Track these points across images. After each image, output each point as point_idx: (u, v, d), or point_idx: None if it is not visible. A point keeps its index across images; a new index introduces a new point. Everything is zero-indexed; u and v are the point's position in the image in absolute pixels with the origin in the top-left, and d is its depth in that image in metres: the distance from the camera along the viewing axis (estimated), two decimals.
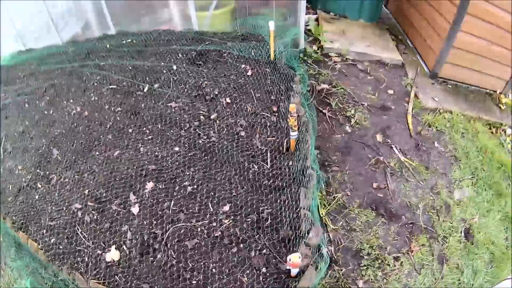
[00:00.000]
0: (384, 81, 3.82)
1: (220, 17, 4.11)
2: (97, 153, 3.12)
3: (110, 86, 3.78)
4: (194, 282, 2.15)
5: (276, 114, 2.99)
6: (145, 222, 2.44)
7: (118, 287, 2.24)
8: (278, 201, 2.44)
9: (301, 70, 3.35)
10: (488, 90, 4.06)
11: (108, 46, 4.48)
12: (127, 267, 2.30)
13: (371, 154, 3.24)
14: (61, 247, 2.59)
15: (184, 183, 2.57)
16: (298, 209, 2.36)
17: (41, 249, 2.66)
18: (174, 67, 3.65)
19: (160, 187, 2.60)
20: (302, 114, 2.88)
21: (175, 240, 2.32)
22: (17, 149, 3.68)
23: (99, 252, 2.43)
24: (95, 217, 2.62)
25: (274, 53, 3.45)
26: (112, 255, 2.38)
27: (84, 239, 2.56)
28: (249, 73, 3.38)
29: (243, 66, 3.48)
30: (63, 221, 2.72)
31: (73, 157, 3.18)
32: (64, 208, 2.81)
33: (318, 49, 3.92)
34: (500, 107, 3.96)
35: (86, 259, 2.45)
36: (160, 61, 3.82)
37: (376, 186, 3.06)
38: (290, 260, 1.82)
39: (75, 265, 2.46)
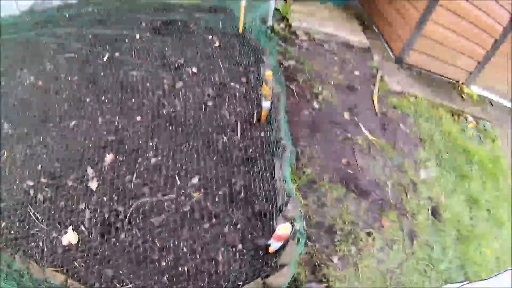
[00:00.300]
0: (351, 63, 3.74)
1: None
2: (51, 124, 2.72)
3: (67, 55, 3.34)
4: (164, 263, 1.88)
5: (246, 85, 2.77)
6: (104, 198, 2.13)
7: (78, 274, 1.91)
8: (251, 172, 2.23)
9: (270, 44, 3.16)
10: (451, 80, 4.14)
11: (67, 16, 4.00)
12: (87, 251, 1.98)
13: (339, 131, 3.13)
14: (12, 231, 2.18)
15: (147, 155, 2.28)
16: (273, 181, 2.17)
17: None
18: (137, 36, 3.29)
19: (121, 159, 2.28)
20: (273, 86, 2.69)
21: (140, 217, 2.03)
22: None
23: (55, 235, 2.07)
24: (49, 195, 2.25)
25: (243, 26, 3.22)
26: (69, 237, 2.04)
27: (37, 221, 2.18)
28: (217, 44, 3.12)
29: (210, 37, 3.21)
30: (14, 202, 2.30)
31: (25, 130, 2.73)
32: (15, 186, 2.38)
33: (285, 27, 3.75)
34: (462, 97, 4.06)
35: (41, 244, 2.07)
36: (122, 30, 3.44)
37: (345, 162, 2.95)
38: (279, 231, 1.62)
39: (29, 251, 2.07)
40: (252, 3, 3.58)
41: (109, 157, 2.29)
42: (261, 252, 1.95)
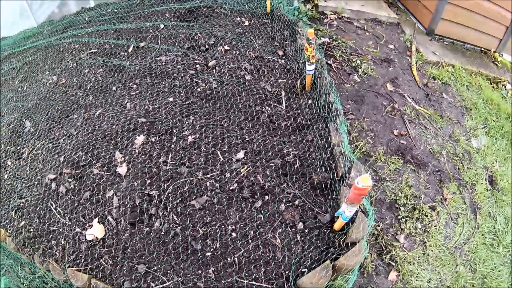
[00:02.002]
0: (383, 37, 3.19)
1: None
2: (75, 116, 2.31)
3: (90, 51, 2.94)
4: (208, 254, 1.37)
5: (284, 57, 2.26)
6: (135, 183, 1.63)
7: (105, 272, 1.43)
8: (304, 141, 1.71)
9: (302, 18, 2.66)
10: (483, 48, 3.51)
11: (87, 19, 3.62)
12: (115, 245, 1.50)
13: (385, 102, 2.57)
14: (31, 229, 1.77)
15: (184, 133, 1.79)
16: (331, 147, 1.64)
17: (9, 236, 1.83)
18: (162, 26, 2.85)
19: (153, 140, 1.79)
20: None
21: (178, 201, 1.51)
22: None
23: (78, 229, 1.62)
24: (71, 186, 1.81)
25: (270, 7, 2.74)
26: (95, 231, 1.58)
27: (58, 216, 1.75)
28: (246, 23, 2.63)
29: (238, 18, 2.73)
30: (34, 198, 1.90)
31: (47, 125, 2.35)
32: (36, 182, 1.99)
33: (312, 8, 3.24)
34: (496, 65, 3.42)
35: (62, 241, 1.64)
36: (145, 23, 3.02)
37: (397, 133, 2.39)
38: (358, 184, 1.08)
39: (49, 250, 1.64)
40: None
41: (139, 139, 1.81)
42: (325, 230, 1.43)
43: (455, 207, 2.22)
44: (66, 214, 1.74)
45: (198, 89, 2.06)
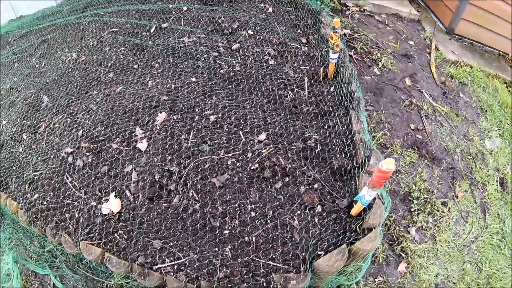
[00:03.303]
0: (404, 33, 3.12)
1: None
2: (95, 92, 2.29)
3: (111, 30, 2.91)
4: (226, 231, 1.36)
5: (307, 45, 2.23)
6: (155, 159, 1.62)
7: (119, 247, 1.42)
8: (325, 127, 1.69)
9: (324, 8, 2.61)
10: (500, 52, 3.44)
11: None
12: (131, 219, 1.48)
13: (403, 96, 2.53)
14: (45, 202, 1.76)
15: (206, 112, 1.77)
16: (352, 134, 1.62)
17: (21, 209, 1.83)
18: (185, 8, 2.82)
19: (175, 117, 1.78)
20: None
21: (198, 178, 1.49)
22: (3, 105, 2.79)
23: (93, 203, 1.62)
24: (89, 160, 1.80)
25: None
26: (111, 205, 1.56)
27: (74, 189, 1.74)
28: (270, 10, 2.59)
29: (262, 5, 2.69)
30: (49, 171, 1.89)
31: (66, 101, 2.34)
32: (52, 156, 1.99)
33: None
34: None
35: (76, 215, 1.63)
36: (168, 4, 2.99)
37: (413, 127, 2.36)
38: (382, 167, 1.06)
39: (62, 223, 1.63)
40: None
41: (161, 116, 1.79)
42: (343, 215, 1.42)
43: (465, 205, 2.20)
44: (82, 188, 1.74)
45: (221, 71, 2.04)
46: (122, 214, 1.52)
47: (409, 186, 2.04)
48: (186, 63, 2.18)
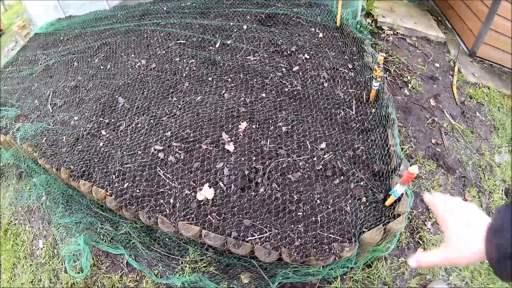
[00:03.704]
0: (431, 55, 3.75)
1: None
2: (174, 99, 2.83)
3: (178, 41, 3.56)
4: (300, 213, 1.98)
5: (353, 70, 2.89)
6: (243, 159, 2.23)
7: (213, 226, 1.94)
8: (369, 140, 2.36)
9: (366, 36, 3.24)
10: None
11: (165, 9, 4.20)
12: (224, 204, 2.03)
13: (427, 115, 3.18)
14: (138, 190, 2.19)
15: (278, 124, 2.45)
16: (388, 147, 2.29)
17: (110, 195, 2.24)
18: (245, 27, 3.47)
19: (254, 127, 2.45)
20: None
21: (278, 174, 2.13)
22: (70, 102, 3.26)
23: (187, 192, 2.12)
24: (181, 157, 2.32)
25: (340, 20, 3.33)
26: (205, 193, 2.07)
27: (168, 180, 2.22)
28: (321, 35, 3.24)
29: (312, 29, 3.34)
30: (139, 164, 2.35)
31: (145, 104, 2.85)
32: (140, 151, 2.43)
33: (372, 22, 3.81)
34: None
35: (172, 200, 2.09)
36: (228, 21, 3.64)
37: (434, 142, 3.02)
38: (410, 170, 1.72)
39: (158, 208, 2.09)
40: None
41: (243, 124, 2.44)
42: (380, 205, 2.09)
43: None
44: (176, 179, 2.16)
45: (286, 89, 2.71)
46: (216, 200, 2.05)
47: (428, 189, 2.70)
48: (255, 80, 2.84)
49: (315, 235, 1.95)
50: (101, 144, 2.64)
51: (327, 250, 1.90)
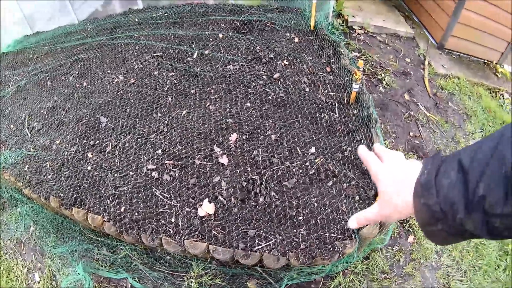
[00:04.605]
0: (401, 51, 4.16)
1: None
2: (159, 115, 2.96)
3: (155, 54, 3.72)
4: (300, 217, 2.21)
5: (331, 73, 3.20)
6: (238, 171, 2.42)
7: (218, 240, 2.11)
8: (354, 141, 2.67)
9: (340, 38, 3.58)
10: (485, 61, 4.58)
11: (137, 20, 4.33)
12: (227, 217, 2.20)
13: (403, 110, 3.57)
14: (136, 213, 2.29)
15: (267, 132, 2.70)
16: (373, 146, 2.61)
17: (108, 221, 2.33)
18: (220, 35, 3.70)
19: (244, 137, 2.67)
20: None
21: (275, 182, 2.35)
22: (49, 125, 3.29)
23: (188, 209, 2.26)
24: (176, 174, 2.46)
25: (314, 24, 3.64)
26: (206, 208, 2.22)
27: (166, 200, 2.32)
28: (296, 40, 3.54)
29: (287, 34, 3.63)
30: (134, 186, 2.42)
31: (130, 122, 2.93)
32: (131, 172, 2.51)
33: (343, 22, 4.17)
34: (497, 75, 4.50)
35: (173, 220, 2.23)
36: (203, 30, 3.85)
37: (412, 135, 3.40)
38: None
39: (160, 228, 2.22)
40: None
41: (233, 136, 2.66)
42: (372, 201, 2.40)
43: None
44: (173, 198, 2.27)
45: (269, 97, 2.97)
46: (217, 215, 2.23)
47: None
48: (238, 90, 3.08)
49: (318, 236, 2.21)
50: (89, 168, 2.71)
51: (331, 249, 2.17)
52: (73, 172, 2.73)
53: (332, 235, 2.23)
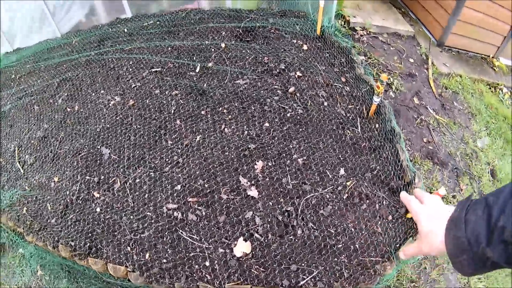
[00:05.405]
0: (404, 51, 4.24)
1: None
2: (169, 142, 2.77)
3: (153, 69, 3.55)
4: (340, 245, 2.23)
5: (347, 84, 3.21)
6: (271, 203, 2.35)
7: (260, 279, 2.07)
8: (382, 158, 2.72)
9: (350, 43, 3.58)
10: (483, 55, 4.77)
11: (126, 30, 4.11)
12: (265, 255, 2.16)
13: (415, 115, 3.66)
14: (164, 260, 2.18)
15: (294, 156, 2.67)
16: (400, 162, 2.67)
17: (133, 271, 2.18)
18: (223, 45, 3.59)
19: (270, 164, 2.58)
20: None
21: (311, 212, 2.34)
22: (43, 158, 3.07)
23: (222, 250, 2.17)
24: (203, 213, 2.32)
25: (320, 29, 3.62)
26: (242, 248, 2.14)
27: (196, 242, 2.21)
28: (305, 47, 3.51)
29: (294, 41, 3.59)
30: (156, 229, 2.30)
31: (137, 152, 2.73)
32: (150, 213, 2.39)
33: (344, 23, 4.17)
34: (494, 69, 4.70)
35: (208, 263, 2.14)
36: (202, 40, 3.72)
37: (426, 140, 3.51)
38: (440, 191, 2.10)
39: (195, 274, 2.11)
40: (316, 3, 3.94)
41: (259, 164, 2.54)
42: (404, 219, 2.46)
43: (468, 194, 3.43)
44: (204, 240, 2.20)
45: (288, 114, 2.94)
46: (255, 253, 2.16)
47: (429, 187, 3.18)
48: (253, 108, 3.02)
49: (359, 262, 2.25)
50: (98, 210, 2.50)
51: (373, 273, 2.23)
52: (80, 215, 2.52)
53: (372, 259, 2.28)
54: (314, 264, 2.22)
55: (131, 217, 2.40)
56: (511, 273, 3.30)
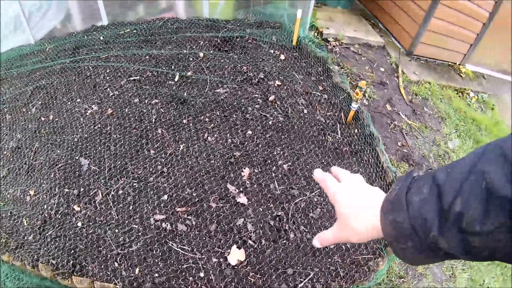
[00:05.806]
0: (375, 61, 4.49)
1: (229, 4, 4.20)
2: (152, 152, 2.74)
3: (131, 78, 3.54)
4: (332, 246, 2.33)
5: (324, 92, 3.36)
6: (261, 209, 2.40)
7: (260, 286, 2.10)
8: (363, 161, 2.86)
9: (325, 53, 3.76)
10: (450, 63, 5.12)
11: (102, 38, 4.08)
12: (260, 261, 2.19)
13: (388, 120, 3.87)
14: (156, 274, 2.09)
15: (279, 162, 2.76)
16: (381, 164, 2.82)
17: None
18: (201, 54, 3.66)
19: (256, 171, 2.64)
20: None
21: (301, 215, 2.42)
22: (16, 170, 2.92)
23: (215, 260, 2.15)
24: (193, 222, 2.30)
25: (297, 39, 3.78)
26: (236, 255, 2.14)
27: (188, 253, 2.15)
28: (282, 57, 3.64)
29: (272, 51, 3.72)
30: (144, 242, 2.21)
31: (118, 163, 2.68)
32: (136, 226, 2.29)
33: (318, 35, 4.37)
34: (461, 76, 5.06)
35: (202, 274, 2.09)
36: (180, 49, 3.77)
37: (400, 144, 3.71)
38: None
39: (190, 286, 2.06)
40: (292, 15, 4.12)
41: (246, 171, 2.59)
42: None
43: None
44: (196, 250, 2.13)
45: (269, 122, 3.04)
46: (250, 260, 2.20)
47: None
48: (234, 116, 3.09)
49: (352, 260, 2.36)
50: (79, 224, 2.38)
51: (367, 270, 2.34)
52: (61, 230, 2.37)
53: (364, 256, 2.39)
54: (309, 266, 2.29)
55: (116, 230, 2.32)
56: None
